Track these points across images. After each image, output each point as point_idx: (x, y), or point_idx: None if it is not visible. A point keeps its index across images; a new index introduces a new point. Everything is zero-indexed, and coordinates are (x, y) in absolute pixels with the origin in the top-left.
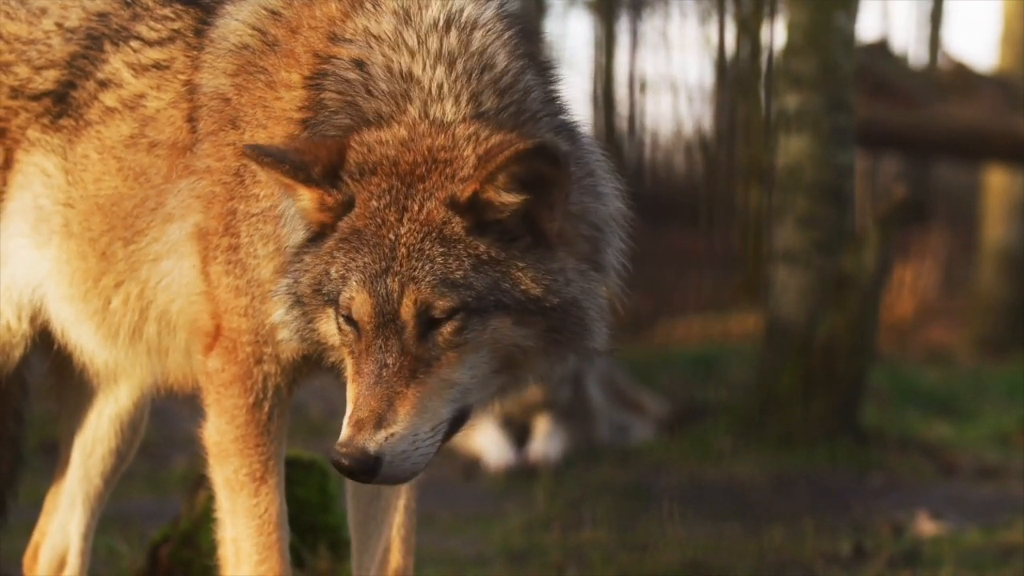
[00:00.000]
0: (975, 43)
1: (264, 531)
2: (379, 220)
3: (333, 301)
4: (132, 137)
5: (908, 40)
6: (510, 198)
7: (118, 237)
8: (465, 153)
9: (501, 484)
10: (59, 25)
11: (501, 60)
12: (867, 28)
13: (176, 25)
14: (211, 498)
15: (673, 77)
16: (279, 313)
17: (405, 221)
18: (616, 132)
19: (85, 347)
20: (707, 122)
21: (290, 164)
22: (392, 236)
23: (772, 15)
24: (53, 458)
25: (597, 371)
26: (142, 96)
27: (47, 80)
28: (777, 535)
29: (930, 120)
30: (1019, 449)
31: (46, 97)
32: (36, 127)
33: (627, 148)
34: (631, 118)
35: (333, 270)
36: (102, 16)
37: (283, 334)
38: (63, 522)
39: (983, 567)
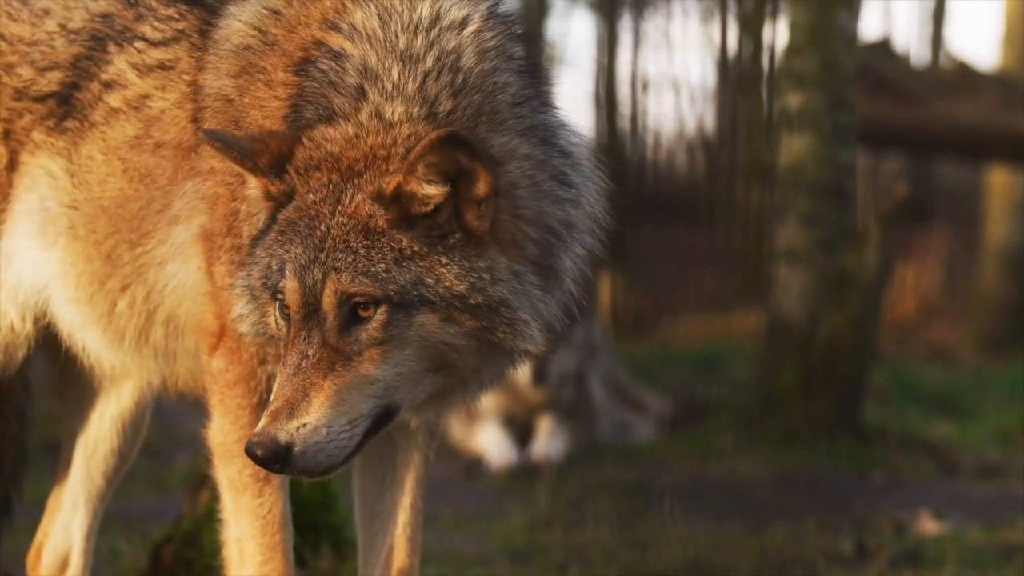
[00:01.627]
0: (977, 42)
1: (268, 531)
2: (313, 213)
3: (275, 293)
4: (137, 138)
5: (910, 39)
6: (432, 190)
7: (123, 240)
8: (400, 150)
9: (503, 483)
10: (62, 26)
11: (469, 61)
12: (869, 27)
13: (180, 25)
14: (214, 498)
15: (675, 76)
16: (239, 307)
17: (336, 214)
18: (618, 131)
19: (91, 350)
20: (709, 121)
21: (239, 151)
22: (323, 228)
23: (774, 14)
24: (55, 457)
25: (599, 370)
26: (147, 97)
27: (51, 82)
28: (779, 534)
29: (932, 119)
30: (1021, 448)
31: (50, 99)
32: (41, 129)
33: (629, 147)
34: (633, 117)
35: (273, 262)
36: (106, 17)
37: (243, 328)
38: (66, 522)
39: (985, 566)
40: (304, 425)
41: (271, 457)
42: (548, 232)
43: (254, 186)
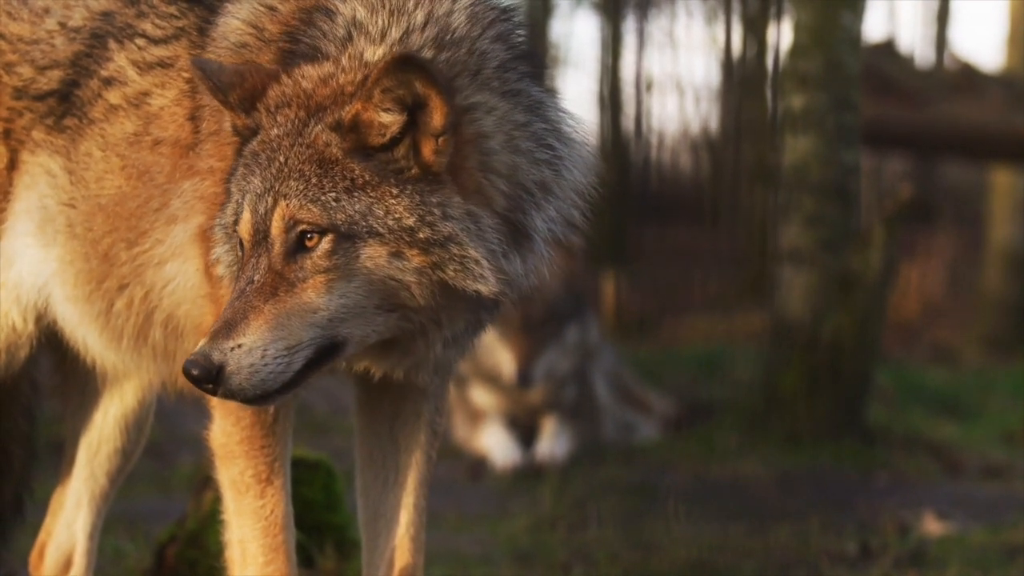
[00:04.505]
0: (981, 43)
1: (270, 532)
2: (274, 146)
3: (234, 225)
4: (136, 135)
5: (914, 40)
6: (388, 118)
7: (121, 238)
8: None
9: (507, 483)
10: (62, 25)
11: (458, 22)
12: (873, 28)
13: (181, 23)
14: (217, 498)
15: (679, 77)
16: (216, 250)
17: (295, 146)
18: (622, 132)
19: (91, 348)
20: (713, 122)
21: (214, 83)
22: (281, 159)
23: (778, 15)
24: (61, 457)
25: (603, 370)
26: (147, 94)
27: (51, 80)
28: (783, 534)
29: (936, 120)
30: None
31: (50, 97)
32: (41, 128)
33: (633, 148)
34: (637, 118)
35: (237, 196)
36: (106, 15)
37: (220, 270)
38: (69, 521)
39: (989, 566)
40: (239, 346)
41: (204, 376)
42: (521, 189)
43: (227, 118)
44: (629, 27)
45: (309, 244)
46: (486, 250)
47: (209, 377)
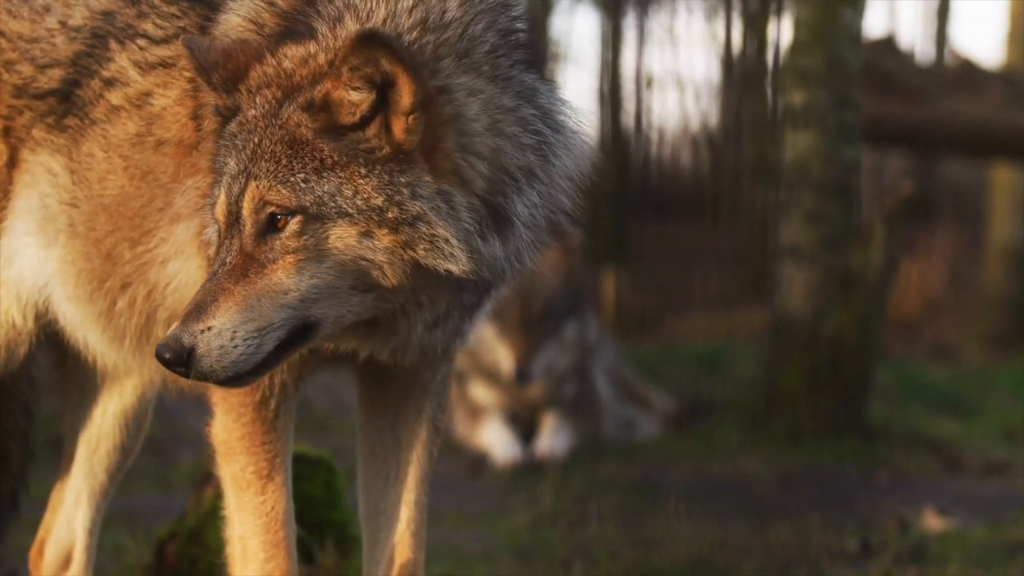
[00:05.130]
0: (982, 39)
1: (271, 529)
2: (250, 127)
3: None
4: (139, 135)
5: (915, 36)
6: (357, 96)
7: (124, 238)
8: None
9: (507, 480)
10: (63, 23)
11: (452, 6)
12: (874, 24)
13: (182, 22)
14: (218, 495)
15: (679, 73)
16: (208, 231)
17: (269, 127)
18: (623, 129)
19: (93, 347)
20: (713, 118)
21: (199, 62)
22: (256, 140)
23: (779, 11)
24: (59, 453)
25: (603, 367)
26: (149, 94)
27: (51, 79)
28: (783, 531)
29: (936, 116)
30: None
31: (50, 96)
32: (41, 127)
33: (634, 145)
34: (638, 114)
35: (217, 178)
36: (107, 14)
37: (210, 251)
38: (68, 518)
39: (989, 563)
40: (209, 328)
41: (175, 359)
42: (503, 173)
43: (211, 97)
44: (629, 23)
45: (279, 225)
46: (457, 229)
47: (180, 360)
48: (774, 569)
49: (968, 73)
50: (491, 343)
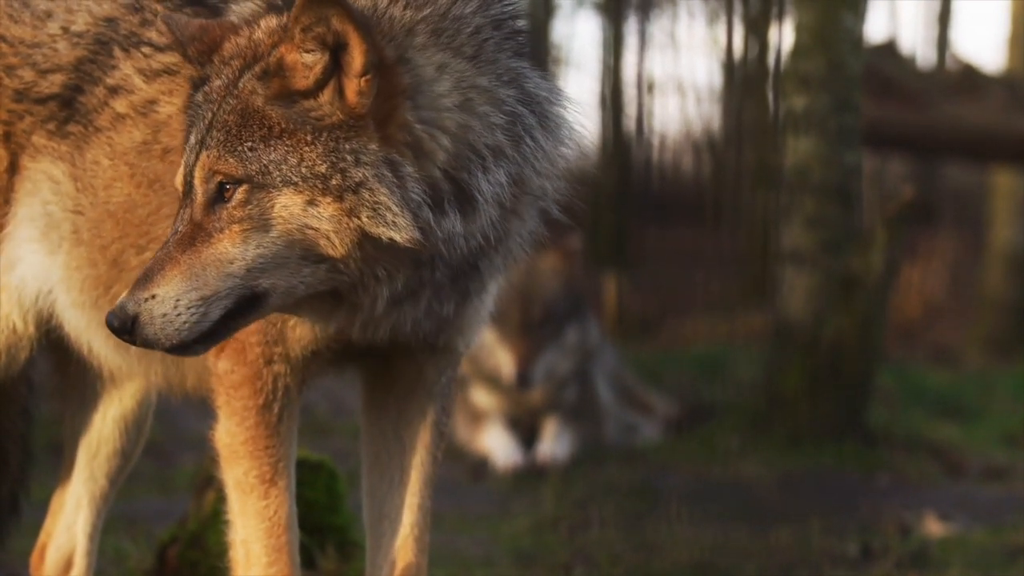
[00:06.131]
0: (983, 44)
1: (274, 533)
2: (212, 97)
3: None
4: (145, 143)
5: (916, 41)
6: (310, 58)
7: (131, 244)
8: None
9: (509, 484)
10: (65, 29)
11: None
12: (875, 29)
13: None
14: (219, 499)
15: (681, 78)
16: None
17: (227, 96)
18: (624, 133)
19: (98, 353)
20: (715, 123)
21: (176, 36)
22: (214, 109)
23: (780, 16)
24: (60, 458)
25: (604, 371)
26: (154, 102)
27: (53, 84)
28: (784, 535)
29: (937, 121)
30: None
31: (51, 101)
32: (42, 133)
33: (635, 149)
34: (639, 119)
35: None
36: (110, 21)
37: None
38: (69, 523)
39: (990, 568)
40: (153, 296)
41: (121, 327)
42: (469, 149)
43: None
44: (631, 28)
45: (226, 195)
46: (401, 198)
47: (125, 328)
48: (775, 573)
49: (969, 78)
50: (492, 347)
